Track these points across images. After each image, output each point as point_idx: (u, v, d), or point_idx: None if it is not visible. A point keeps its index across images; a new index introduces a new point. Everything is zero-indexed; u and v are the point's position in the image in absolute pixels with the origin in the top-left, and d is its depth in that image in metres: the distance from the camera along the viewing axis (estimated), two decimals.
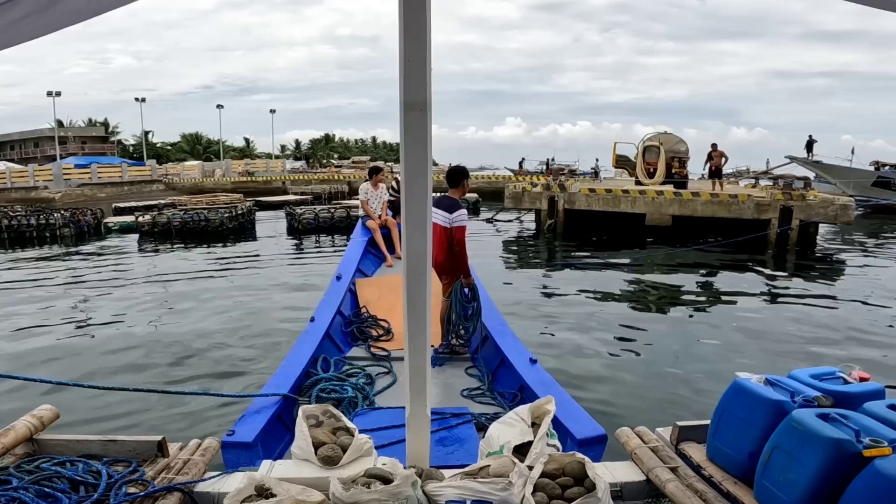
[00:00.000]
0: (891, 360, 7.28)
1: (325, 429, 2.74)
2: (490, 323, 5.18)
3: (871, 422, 2.00)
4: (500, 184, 38.84)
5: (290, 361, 4.34)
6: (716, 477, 2.46)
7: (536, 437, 2.62)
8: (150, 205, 25.01)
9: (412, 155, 2.25)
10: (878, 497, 1.76)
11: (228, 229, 20.01)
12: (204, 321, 8.83)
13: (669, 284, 11.95)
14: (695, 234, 17.17)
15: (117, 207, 25.05)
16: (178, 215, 20.32)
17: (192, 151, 62.12)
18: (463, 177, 5.23)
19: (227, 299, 10.28)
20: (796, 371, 2.54)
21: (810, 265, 14.86)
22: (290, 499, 2.14)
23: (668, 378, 6.61)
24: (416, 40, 2.09)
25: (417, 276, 2.38)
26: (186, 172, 45.53)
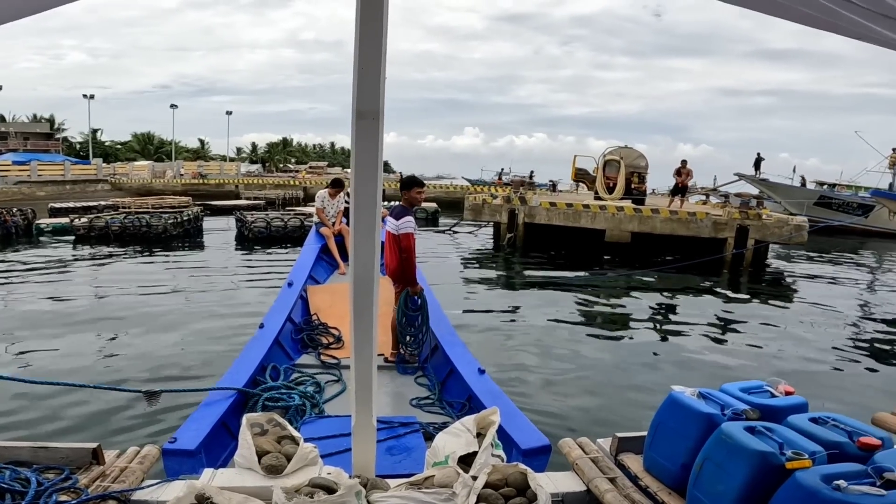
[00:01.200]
0: (817, 374, 7.62)
1: (270, 437, 2.71)
2: (440, 333, 5.21)
3: (794, 434, 2.10)
4: (458, 194, 38.99)
5: (237, 368, 4.27)
6: (652, 487, 2.53)
7: (481, 448, 2.65)
8: (88, 206, 23.54)
9: (362, 163, 2.27)
10: None
11: (173, 236, 18.91)
12: (142, 332, 8.43)
13: (623, 301, 12.16)
14: (653, 251, 17.27)
15: (53, 208, 23.22)
16: (117, 219, 18.94)
17: (143, 151, 60.21)
18: (408, 187, 5.26)
19: (168, 309, 9.83)
20: (727, 385, 2.64)
21: (761, 285, 15.28)
22: None
23: (615, 389, 6.74)
24: (371, 50, 2.12)
25: (364, 285, 2.39)
26: (136, 173, 43.97)
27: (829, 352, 8.85)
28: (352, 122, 2.22)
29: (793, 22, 1.73)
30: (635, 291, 12.94)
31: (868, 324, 11.20)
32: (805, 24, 1.74)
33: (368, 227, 2.34)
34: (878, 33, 1.60)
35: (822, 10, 1.52)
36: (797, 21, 1.72)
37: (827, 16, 1.58)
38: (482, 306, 10.98)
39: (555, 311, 10.80)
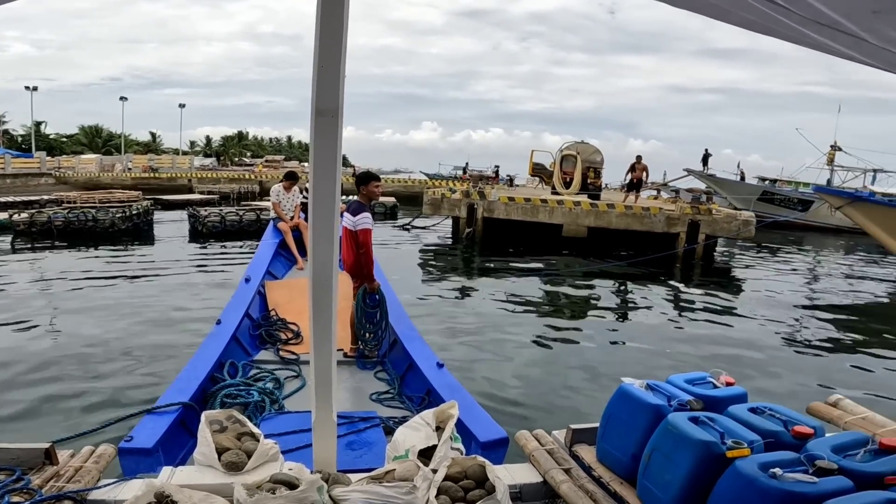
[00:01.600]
0: (759, 364, 7.95)
1: (230, 434, 2.72)
2: (399, 328, 5.25)
3: (734, 424, 2.22)
4: (416, 188, 38.89)
5: (194, 366, 4.23)
6: (605, 478, 2.63)
7: (440, 441, 2.72)
8: (30, 200, 22.35)
9: (321, 160, 2.28)
10: (739, 495, 1.94)
11: (121, 231, 17.96)
12: (91, 330, 8.14)
13: (580, 295, 12.37)
14: (609, 245, 17.59)
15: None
16: (61, 214, 17.83)
17: (91, 144, 57.67)
18: (365, 182, 5.28)
19: (117, 306, 9.50)
20: (673, 376, 2.76)
21: (711, 278, 15.77)
22: None
23: (572, 381, 6.91)
24: (331, 48, 2.12)
25: (323, 281, 2.40)
26: (83, 166, 41.67)
27: (771, 343, 9.23)
28: (311, 120, 2.22)
29: (734, 25, 1.82)
30: (592, 286, 13.19)
31: (807, 316, 11.70)
32: (745, 28, 1.83)
33: (327, 224, 2.35)
34: (811, 38, 1.69)
35: (761, 16, 1.58)
36: (738, 25, 1.80)
37: (765, 20, 1.65)
38: (441, 300, 11.06)
39: (513, 305, 10.96)
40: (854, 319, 11.66)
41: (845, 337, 10.12)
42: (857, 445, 2.10)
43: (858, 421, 2.82)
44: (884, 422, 2.80)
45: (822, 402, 3.11)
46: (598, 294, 12.49)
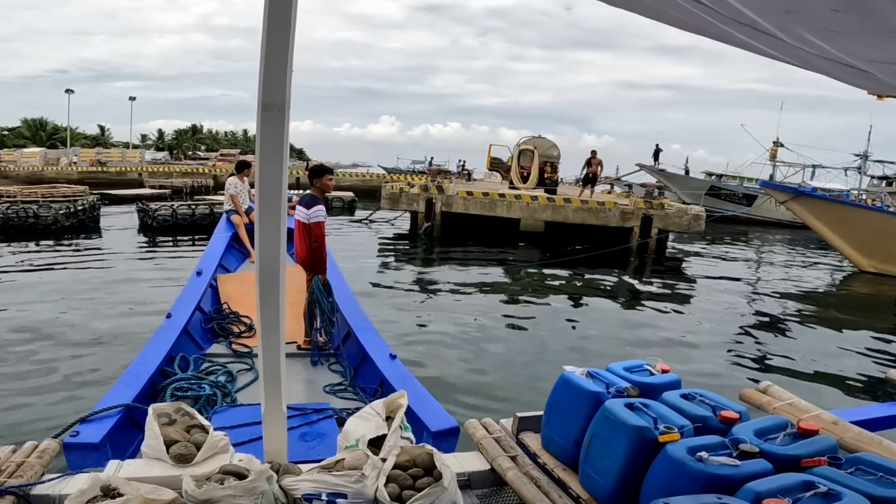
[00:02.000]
0: (699, 353, 8.29)
1: (179, 427, 2.71)
2: (353, 320, 5.29)
3: (667, 410, 2.34)
4: (374, 182, 38.68)
5: (143, 359, 4.18)
6: (549, 464, 2.72)
7: (390, 431, 2.77)
8: None
9: (268, 154, 2.28)
10: (670, 478, 2.04)
11: (65, 227, 17.12)
12: (30, 323, 7.92)
13: (535, 289, 12.56)
14: (566, 239, 17.80)
15: None
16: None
17: (35, 138, 54.91)
18: (320, 174, 5.30)
19: (59, 301, 9.21)
20: (613, 364, 2.88)
21: (662, 271, 16.25)
22: (139, 498, 2.12)
23: (524, 370, 7.06)
24: (278, 42, 2.13)
25: (270, 273, 2.42)
26: (25, 160, 39.52)
27: (713, 332, 9.62)
28: (257, 114, 2.23)
29: (667, 24, 1.90)
30: (548, 279, 13.41)
31: (749, 306, 12.22)
32: (678, 27, 1.91)
33: (274, 216, 2.36)
34: (736, 37, 1.78)
35: (690, 15, 1.64)
36: (671, 24, 1.86)
37: (695, 20, 1.71)
38: (397, 293, 11.10)
39: (469, 297, 11.09)
40: (792, 310, 12.17)
41: (783, 326, 10.58)
42: (777, 429, 2.24)
43: (785, 407, 2.99)
44: (808, 407, 2.98)
45: (754, 388, 3.28)
46: (553, 287, 12.71)
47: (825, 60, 1.79)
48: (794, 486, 1.84)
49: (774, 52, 1.90)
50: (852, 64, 1.79)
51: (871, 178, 33.71)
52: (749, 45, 1.88)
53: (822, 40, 1.54)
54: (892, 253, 15.72)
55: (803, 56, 1.82)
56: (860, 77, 2.05)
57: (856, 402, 5.05)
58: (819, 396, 6.01)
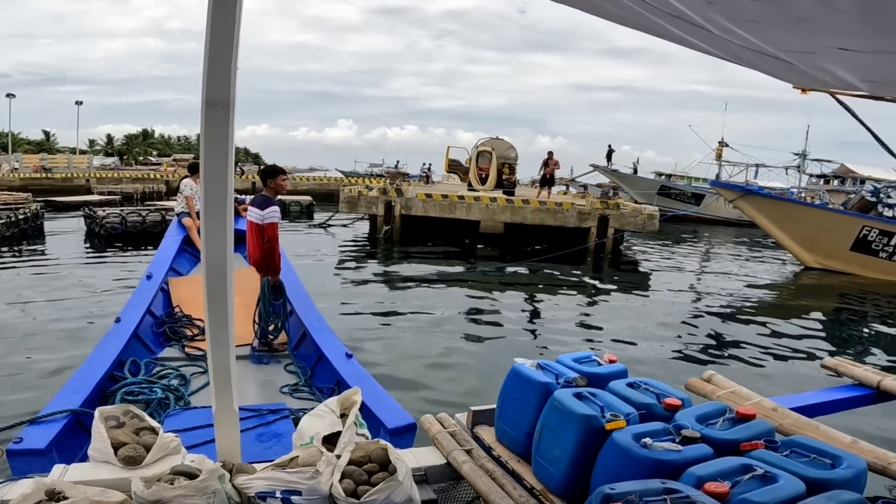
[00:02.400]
0: (649, 345, 8.48)
1: (127, 430, 2.67)
2: (308, 320, 5.26)
3: (614, 399, 2.42)
4: (332, 186, 38.28)
5: (90, 364, 4.06)
6: (503, 456, 2.77)
7: (345, 427, 2.78)
8: None
9: (212, 153, 2.26)
10: (617, 465, 2.11)
11: (5, 238, 15.90)
12: None
13: (494, 289, 12.54)
14: (525, 240, 17.65)
15: None
16: None
17: None
18: (273, 175, 5.26)
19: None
20: (562, 356, 2.95)
21: (618, 269, 16.53)
22: (86, 500, 2.08)
23: (481, 366, 7.12)
24: (222, 38, 2.10)
25: (217, 273, 2.40)
26: None
27: (663, 325, 9.85)
28: (201, 112, 2.20)
29: (608, 20, 1.95)
30: (507, 279, 13.50)
31: (698, 300, 12.57)
32: (618, 23, 1.96)
33: (219, 216, 2.34)
34: (670, 31, 1.84)
35: (627, 10, 1.70)
36: (610, 19, 1.91)
37: (632, 15, 1.77)
38: (356, 295, 11.06)
39: (428, 298, 11.11)
40: (740, 304, 12.57)
41: (731, 319, 10.88)
42: (717, 415, 2.34)
43: (728, 394, 3.11)
44: (749, 395, 3.11)
45: (699, 377, 3.40)
46: (511, 286, 12.84)
47: (751, 52, 1.85)
48: (733, 470, 1.92)
49: (707, 46, 1.96)
50: (775, 54, 1.86)
51: (810, 177, 35.12)
52: (684, 40, 1.94)
53: (745, 31, 1.61)
54: (834, 249, 16.23)
55: (732, 48, 1.89)
56: (784, 68, 2.14)
57: (797, 389, 5.28)
58: (762, 385, 6.23)
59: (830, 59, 1.88)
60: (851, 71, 2.05)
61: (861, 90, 2.66)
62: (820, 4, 1.27)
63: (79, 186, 33.07)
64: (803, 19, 1.42)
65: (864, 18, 1.32)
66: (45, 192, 28.11)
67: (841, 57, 1.79)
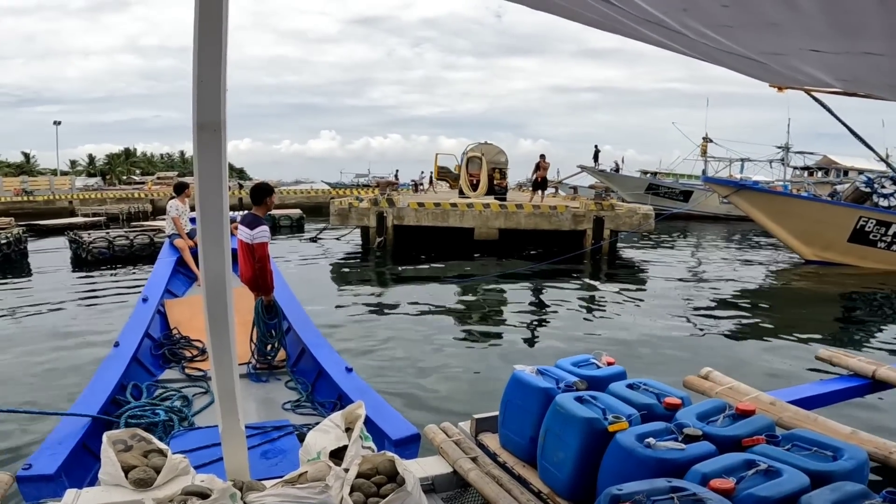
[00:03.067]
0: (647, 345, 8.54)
1: (136, 452, 2.68)
2: (306, 336, 5.28)
3: (615, 401, 2.46)
4: (320, 198, 38.16)
5: (92, 390, 4.07)
6: (509, 462, 2.81)
7: (351, 441, 2.81)
8: None
9: (206, 175, 2.26)
10: (622, 466, 2.14)
11: None
12: None
13: (492, 296, 12.40)
14: (520, 246, 17.60)
15: None
16: None
17: None
18: (266, 194, 5.28)
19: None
20: (561, 360, 2.99)
21: (614, 270, 16.39)
22: None
23: (481, 374, 7.13)
24: (210, 60, 2.11)
25: (217, 294, 2.41)
26: None
27: (660, 324, 9.87)
28: (193, 135, 2.21)
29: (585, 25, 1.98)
30: (503, 286, 13.31)
31: (696, 298, 12.61)
32: (596, 27, 1.99)
33: (216, 238, 2.35)
34: (648, 35, 1.87)
35: (604, 16, 1.72)
36: (588, 24, 1.93)
37: (609, 20, 1.79)
38: (353, 309, 10.97)
39: (425, 308, 11.06)
40: (737, 299, 12.60)
41: (729, 314, 10.93)
42: (717, 412, 2.39)
43: (726, 391, 3.16)
44: (747, 390, 3.16)
45: (696, 375, 3.45)
46: (509, 294, 12.73)
47: (727, 54, 1.90)
48: (737, 466, 1.96)
49: (684, 49, 2.00)
50: (750, 56, 1.90)
51: (794, 169, 35.43)
52: (662, 43, 1.98)
53: (719, 34, 1.65)
54: (832, 241, 16.20)
55: (708, 51, 1.92)
56: (759, 69, 2.18)
57: (793, 382, 5.33)
58: (759, 379, 6.29)
59: (803, 60, 1.92)
60: (824, 71, 2.09)
61: (835, 87, 2.72)
62: (788, 9, 1.31)
63: (62, 209, 32.35)
64: (773, 23, 1.46)
65: (829, 21, 1.36)
66: (28, 216, 27.63)
67: (813, 58, 1.82)
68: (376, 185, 27.77)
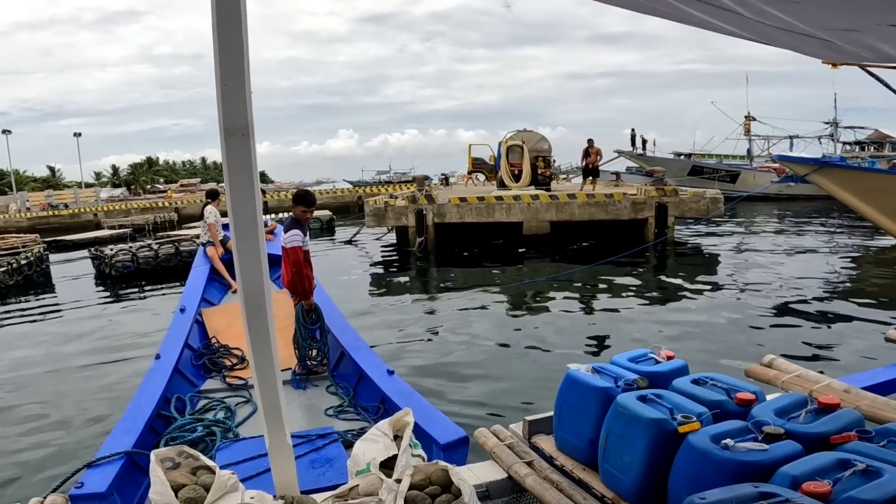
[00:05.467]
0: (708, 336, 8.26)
1: (184, 470, 2.61)
2: (345, 339, 5.23)
3: (681, 398, 2.29)
4: (346, 198, 38.25)
5: (137, 404, 4.07)
6: (567, 466, 2.66)
7: (400, 451, 2.70)
8: None
9: (237, 182, 2.20)
10: (698, 470, 1.98)
11: (8, 287, 14.59)
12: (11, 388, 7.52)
13: (544, 293, 11.63)
14: (573, 239, 16.67)
15: None
16: None
17: None
18: (299, 202, 5.24)
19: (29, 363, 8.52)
20: (616, 356, 2.82)
21: (680, 259, 15.40)
22: None
23: (531, 375, 6.94)
24: (232, 63, 2.05)
25: (255, 303, 2.33)
26: None
27: (725, 314, 9.43)
28: (220, 141, 2.15)
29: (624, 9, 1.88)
30: (556, 283, 12.44)
31: (773, 285, 11.82)
32: (634, 10, 1.89)
33: (252, 245, 2.28)
34: (693, 16, 1.78)
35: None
36: (627, 7, 1.84)
37: (650, 2, 1.73)
38: (394, 314, 10.67)
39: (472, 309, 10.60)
40: (820, 284, 11.92)
41: (804, 301, 10.36)
42: (797, 407, 2.20)
43: (794, 379, 2.97)
44: (817, 378, 2.96)
45: (758, 363, 3.26)
46: (560, 288, 11.96)
47: (783, 31, 1.81)
48: (829, 466, 1.78)
49: (733, 28, 1.92)
50: (811, 34, 1.81)
51: (844, 144, 34.23)
52: (707, 23, 1.90)
53: (783, 12, 1.55)
54: None
55: (763, 30, 1.85)
56: (818, 46, 2.09)
57: (862, 367, 5.06)
58: (824, 366, 6.00)
59: (877, 36, 1.83)
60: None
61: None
62: None
63: (87, 222, 32.93)
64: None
65: None
66: (55, 231, 27.95)
67: (890, 33, 1.72)
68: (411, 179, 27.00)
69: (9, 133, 48.15)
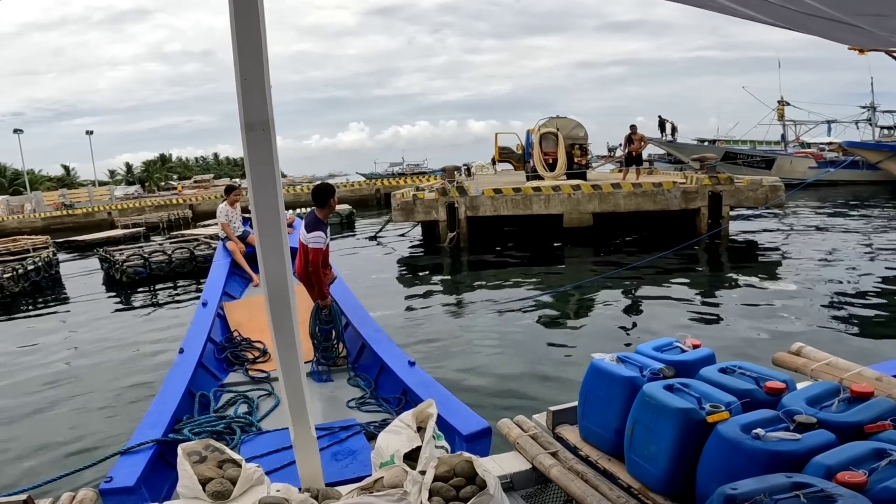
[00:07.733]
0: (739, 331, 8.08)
1: (210, 463, 2.64)
2: (365, 331, 5.23)
3: (709, 387, 2.25)
4: (364, 191, 38.12)
5: (163, 398, 4.11)
6: (592, 456, 2.64)
7: (424, 442, 2.70)
8: None
9: (259, 175, 2.21)
10: (728, 460, 1.95)
11: (15, 294, 13.83)
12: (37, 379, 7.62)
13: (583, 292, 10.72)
14: (617, 232, 15.61)
15: None
16: None
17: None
18: (328, 195, 5.23)
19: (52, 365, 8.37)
20: (641, 346, 2.77)
21: (744, 257, 14.18)
22: None
23: (553, 367, 6.89)
24: (251, 58, 2.06)
25: (279, 297, 2.35)
26: None
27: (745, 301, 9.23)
28: (242, 136, 2.16)
29: None
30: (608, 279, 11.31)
31: (832, 274, 11.30)
32: None
33: (275, 239, 2.30)
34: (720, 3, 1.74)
35: None
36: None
37: None
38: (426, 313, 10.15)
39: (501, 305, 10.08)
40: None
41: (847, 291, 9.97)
42: (829, 395, 2.16)
43: (824, 367, 2.91)
44: (847, 365, 2.90)
45: (786, 351, 3.20)
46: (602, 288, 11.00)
47: (811, 17, 1.77)
48: (865, 456, 1.74)
49: (760, 16, 1.90)
50: (840, 19, 1.77)
51: (882, 129, 33.31)
52: (730, 9, 1.86)
53: None
54: None
55: (791, 16, 1.81)
56: (846, 31, 2.05)
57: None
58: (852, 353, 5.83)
59: None
60: None
61: None
62: None
63: (101, 221, 32.22)
64: None
65: None
66: (68, 231, 27.50)
67: None
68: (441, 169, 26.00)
69: (20, 132, 48.22)
